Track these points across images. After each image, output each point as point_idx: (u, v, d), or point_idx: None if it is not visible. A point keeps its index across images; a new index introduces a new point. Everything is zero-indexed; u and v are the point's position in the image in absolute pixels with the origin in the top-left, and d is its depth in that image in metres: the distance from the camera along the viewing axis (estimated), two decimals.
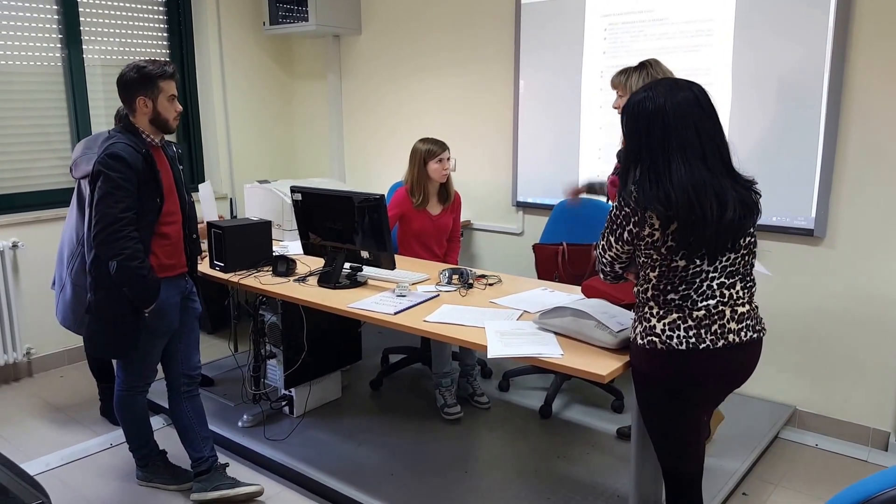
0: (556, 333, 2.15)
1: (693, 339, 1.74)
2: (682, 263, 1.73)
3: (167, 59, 2.94)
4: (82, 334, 3.05)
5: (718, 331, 1.75)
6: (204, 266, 2.96)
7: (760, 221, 1.83)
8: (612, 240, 1.83)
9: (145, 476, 2.75)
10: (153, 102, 2.39)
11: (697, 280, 1.74)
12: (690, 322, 1.74)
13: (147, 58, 2.43)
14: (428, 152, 3.38)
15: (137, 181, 2.33)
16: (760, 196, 1.80)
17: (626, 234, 1.78)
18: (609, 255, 1.87)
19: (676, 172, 1.69)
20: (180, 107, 2.49)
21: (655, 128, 1.72)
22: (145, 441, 2.74)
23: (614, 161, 2.80)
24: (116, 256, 2.29)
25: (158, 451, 2.78)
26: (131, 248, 2.29)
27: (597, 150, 3.64)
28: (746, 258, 1.80)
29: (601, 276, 1.97)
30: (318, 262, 2.95)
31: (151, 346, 2.52)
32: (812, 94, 2.96)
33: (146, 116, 2.40)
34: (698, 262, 1.73)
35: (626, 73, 2.48)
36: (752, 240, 1.81)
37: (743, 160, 1.80)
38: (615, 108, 2.53)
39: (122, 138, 2.37)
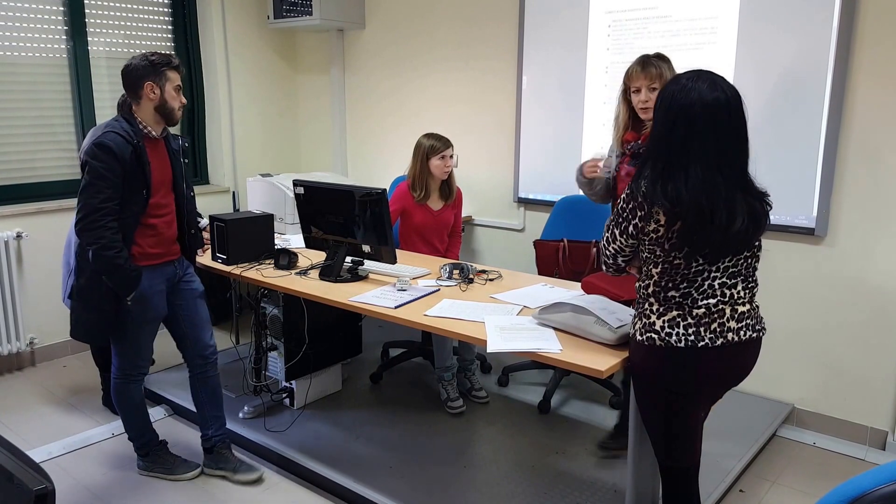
0: (555, 329, 2.16)
1: (692, 337, 1.74)
2: (683, 262, 1.73)
3: (171, 53, 2.95)
4: None
5: (718, 329, 1.75)
6: (206, 258, 2.98)
7: None
8: (617, 233, 1.82)
9: (146, 465, 2.78)
10: (161, 89, 2.40)
11: (699, 279, 1.74)
12: (690, 320, 1.75)
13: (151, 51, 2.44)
14: (431, 148, 3.37)
15: (123, 172, 2.33)
16: (771, 208, 1.78)
17: (631, 228, 1.78)
18: (613, 248, 1.87)
19: (693, 177, 1.66)
20: (184, 99, 2.50)
21: (680, 125, 1.69)
22: (142, 430, 2.76)
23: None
24: (93, 245, 2.31)
25: (158, 440, 2.80)
26: (108, 237, 2.30)
27: (599, 147, 3.63)
28: (750, 261, 1.80)
29: (604, 267, 1.96)
30: (319, 256, 2.97)
31: (139, 333, 2.54)
32: (814, 93, 2.96)
33: (152, 103, 2.41)
34: (701, 260, 1.73)
35: (654, 64, 2.37)
36: (758, 243, 1.81)
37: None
38: (644, 101, 2.38)
39: (116, 127, 2.36)
